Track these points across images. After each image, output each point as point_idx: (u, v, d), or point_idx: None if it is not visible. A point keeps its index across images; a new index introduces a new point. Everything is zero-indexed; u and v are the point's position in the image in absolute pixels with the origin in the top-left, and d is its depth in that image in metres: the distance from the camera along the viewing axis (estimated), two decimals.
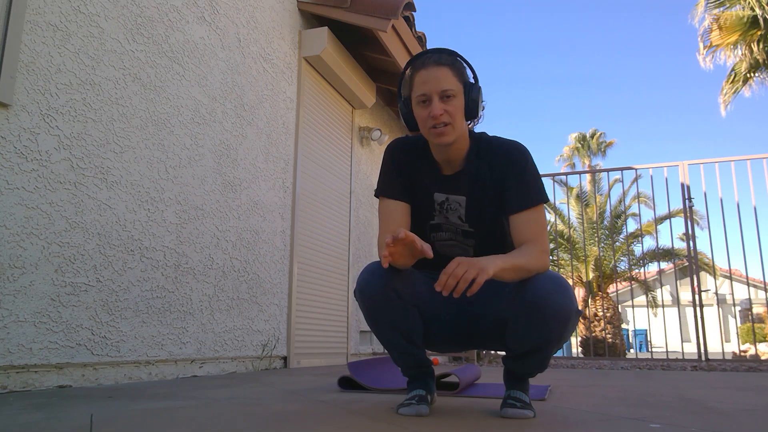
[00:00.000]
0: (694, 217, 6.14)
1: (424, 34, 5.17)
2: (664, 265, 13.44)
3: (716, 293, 7.42)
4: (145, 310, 2.63)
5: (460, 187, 1.63)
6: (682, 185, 6.07)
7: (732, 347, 16.77)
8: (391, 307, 1.50)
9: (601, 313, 12.50)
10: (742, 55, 10.71)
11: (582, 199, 13.21)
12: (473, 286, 1.30)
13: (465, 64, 1.60)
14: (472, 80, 1.60)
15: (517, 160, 1.60)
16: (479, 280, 1.30)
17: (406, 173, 1.67)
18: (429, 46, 5.30)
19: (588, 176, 16.03)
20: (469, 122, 1.62)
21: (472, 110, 1.57)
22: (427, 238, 1.69)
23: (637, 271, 12.94)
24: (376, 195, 1.69)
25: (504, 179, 1.59)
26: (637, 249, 13.29)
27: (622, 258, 12.40)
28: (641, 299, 14.71)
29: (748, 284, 6.07)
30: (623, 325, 18.62)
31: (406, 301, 1.51)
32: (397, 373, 2.45)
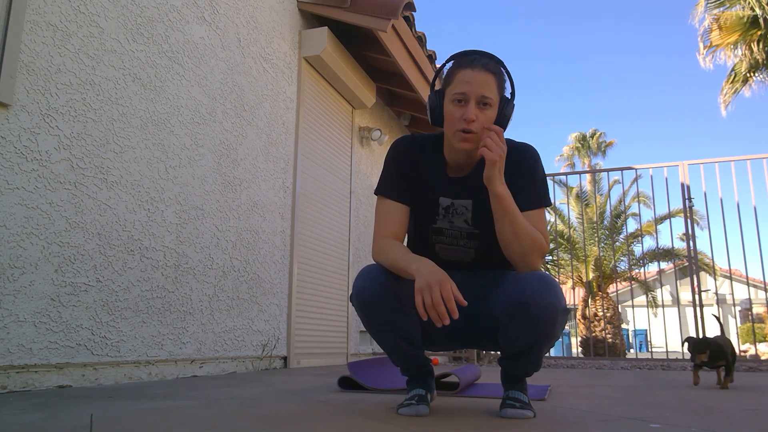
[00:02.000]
0: (694, 217, 6.14)
1: (424, 34, 5.16)
2: (664, 265, 13.46)
3: (716, 293, 7.40)
4: (145, 310, 2.63)
5: (467, 191, 1.63)
6: (682, 185, 6.08)
7: None
8: (391, 312, 1.49)
9: (601, 313, 12.51)
10: (742, 55, 10.71)
11: (582, 199, 13.23)
12: (495, 150, 1.45)
13: (508, 78, 1.60)
14: (509, 95, 1.61)
15: (527, 160, 1.62)
16: (502, 156, 1.47)
17: (410, 174, 1.67)
18: (429, 46, 5.30)
19: (588, 176, 16.05)
20: None
21: (501, 125, 1.59)
22: (428, 240, 1.69)
23: (637, 271, 12.95)
24: (376, 193, 1.68)
25: (513, 179, 1.59)
26: (637, 249, 13.31)
27: (622, 258, 12.41)
28: (641, 299, 14.71)
29: (748, 284, 6.08)
30: (623, 325, 18.63)
31: (405, 304, 1.51)
32: (397, 373, 2.45)
